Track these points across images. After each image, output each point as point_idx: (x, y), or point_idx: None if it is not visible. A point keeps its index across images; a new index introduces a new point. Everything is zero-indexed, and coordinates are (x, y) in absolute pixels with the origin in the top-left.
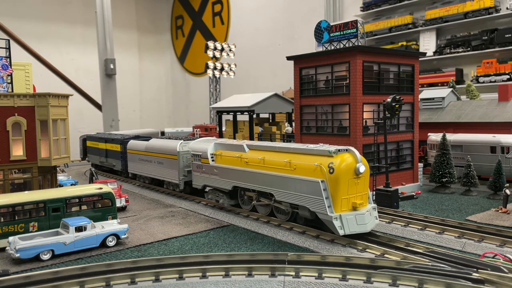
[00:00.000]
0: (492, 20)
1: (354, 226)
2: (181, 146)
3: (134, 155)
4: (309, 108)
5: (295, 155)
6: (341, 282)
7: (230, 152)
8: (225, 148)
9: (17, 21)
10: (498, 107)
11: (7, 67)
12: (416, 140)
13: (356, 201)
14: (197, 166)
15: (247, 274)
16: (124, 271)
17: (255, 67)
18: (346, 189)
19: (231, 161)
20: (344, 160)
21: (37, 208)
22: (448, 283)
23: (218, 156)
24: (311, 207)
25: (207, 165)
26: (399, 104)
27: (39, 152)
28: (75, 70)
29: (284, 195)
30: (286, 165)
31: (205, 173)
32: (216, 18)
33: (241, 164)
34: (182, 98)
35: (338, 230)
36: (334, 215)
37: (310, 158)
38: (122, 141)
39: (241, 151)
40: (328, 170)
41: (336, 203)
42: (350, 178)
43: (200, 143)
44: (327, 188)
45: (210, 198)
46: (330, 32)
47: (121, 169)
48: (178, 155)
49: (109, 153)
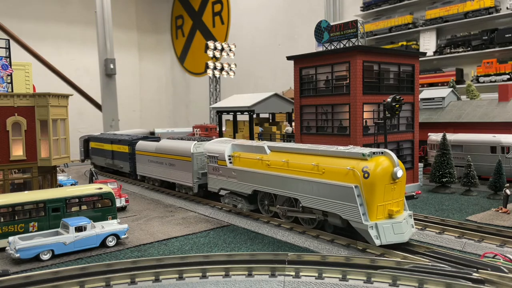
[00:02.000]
0: (492, 20)
1: (391, 236)
2: (195, 147)
3: (143, 157)
4: (309, 108)
5: (323, 157)
6: (341, 282)
7: (250, 154)
8: (244, 149)
9: (17, 21)
10: (498, 107)
11: (7, 67)
12: (416, 140)
13: (393, 208)
14: (213, 168)
15: (247, 274)
16: (124, 271)
17: (255, 67)
18: (382, 195)
19: (250, 164)
20: (379, 164)
21: (37, 208)
22: (448, 283)
23: (236, 158)
24: (343, 215)
25: (224, 168)
26: (399, 104)
27: (39, 152)
28: (75, 70)
29: (312, 201)
30: (314, 168)
31: (221, 175)
32: (216, 18)
33: (262, 167)
34: (182, 98)
35: (373, 240)
36: (370, 223)
37: (340, 161)
38: (130, 142)
39: (262, 152)
40: (363, 175)
41: (372, 210)
42: (386, 183)
43: (216, 144)
44: (361, 194)
45: (226, 202)
46: (330, 32)
47: (129, 171)
48: (192, 157)
49: (116, 155)
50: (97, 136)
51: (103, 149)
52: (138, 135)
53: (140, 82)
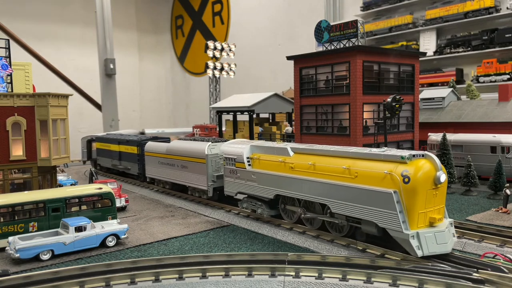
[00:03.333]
0: (492, 20)
1: (433, 246)
2: (209, 148)
3: (153, 158)
4: (309, 108)
5: (354, 160)
6: (341, 282)
7: (271, 155)
8: (264, 151)
9: (17, 21)
10: (498, 107)
11: (7, 67)
12: (416, 140)
13: (434, 216)
14: (230, 171)
15: (247, 274)
16: (124, 271)
17: (255, 67)
18: (423, 201)
19: (272, 166)
20: (421, 168)
21: (37, 208)
22: (448, 283)
23: (255, 160)
24: (379, 222)
25: (242, 170)
26: (399, 104)
27: (38, 152)
28: (75, 70)
29: (343, 207)
30: (345, 172)
31: (240, 179)
32: (216, 18)
33: (285, 170)
34: (182, 98)
35: (415, 251)
36: (411, 232)
37: (375, 165)
38: (139, 142)
39: (285, 154)
40: (402, 179)
41: (412, 218)
42: (428, 188)
43: (233, 145)
44: (400, 200)
45: (245, 207)
46: (330, 32)
47: (137, 173)
48: (206, 159)
49: (123, 156)
50: (103, 137)
51: (110, 150)
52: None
53: (140, 82)
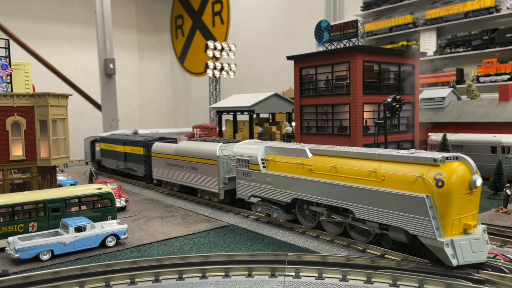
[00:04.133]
0: (493, 20)
1: (469, 254)
2: (220, 149)
3: (161, 159)
4: (309, 108)
5: (380, 163)
6: (341, 283)
7: (287, 157)
8: (280, 152)
9: (17, 21)
10: (498, 107)
11: (7, 67)
12: (416, 140)
13: (469, 222)
14: (243, 173)
15: (247, 274)
16: (124, 271)
17: (255, 67)
18: (458, 207)
19: (289, 168)
20: (455, 171)
21: (37, 208)
22: (448, 283)
23: (270, 162)
24: (410, 229)
25: (257, 172)
26: (400, 104)
27: (38, 152)
28: (75, 70)
29: (368, 212)
30: (370, 175)
31: (254, 181)
32: (216, 17)
33: (303, 173)
34: (182, 98)
35: (450, 260)
36: (445, 240)
37: (404, 167)
38: (145, 143)
39: (303, 156)
40: (435, 183)
41: (446, 224)
42: (463, 193)
43: (247, 147)
44: (433, 205)
45: (259, 211)
46: (330, 32)
47: (144, 174)
48: (217, 160)
49: (129, 157)
50: (107, 137)
51: (115, 151)
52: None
53: (140, 82)
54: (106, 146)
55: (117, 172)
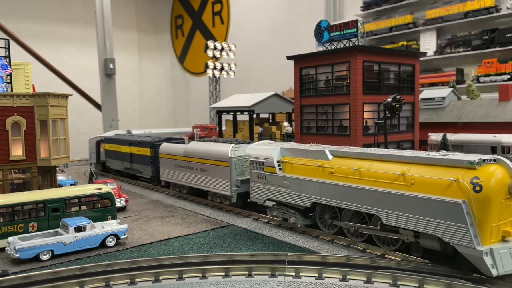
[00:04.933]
0: (493, 20)
1: (509, 264)
2: (233, 150)
3: (169, 161)
4: (309, 108)
5: (409, 165)
6: (341, 283)
7: (305, 159)
8: (297, 154)
9: (17, 21)
10: (498, 107)
11: (7, 67)
12: (416, 140)
13: (508, 229)
14: (258, 175)
15: (247, 274)
16: (124, 271)
17: (255, 67)
18: (497, 213)
19: (307, 171)
20: (493, 174)
21: (37, 208)
22: (448, 283)
23: (287, 164)
24: (444, 237)
25: (273, 175)
26: (400, 104)
27: (38, 152)
28: (75, 70)
29: (397, 219)
30: (398, 178)
31: (269, 184)
32: (216, 17)
33: (323, 175)
34: (182, 98)
35: (489, 269)
36: (484, 248)
37: (436, 170)
38: (152, 144)
39: (323, 158)
40: (473, 188)
41: (485, 232)
42: (502, 198)
43: (261, 148)
44: (470, 211)
45: (274, 215)
46: (330, 31)
47: (150, 176)
48: (230, 162)
49: (135, 158)
50: (112, 137)
51: (120, 152)
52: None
53: (140, 82)
54: (110, 147)
55: (122, 174)
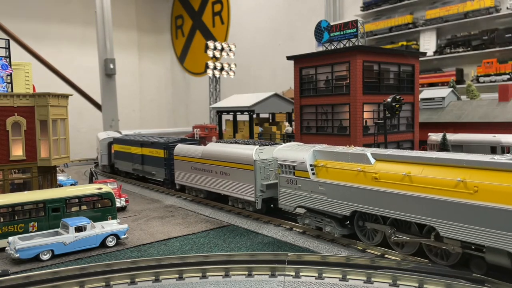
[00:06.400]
0: (492, 20)
1: None
2: (257, 153)
3: (185, 163)
4: (309, 108)
5: (470, 171)
6: (341, 282)
7: (343, 163)
8: (333, 157)
9: (17, 21)
10: (498, 107)
11: (7, 67)
12: (416, 140)
13: None
14: (287, 180)
15: (247, 274)
16: (124, 271)
17: (255, 67)
18: None
19: (345, 176)
20: None
21: (37, 208)
22: (448, 283)
23: (321, 168)
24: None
25: (305, 180)
26: (399, 104)
27: (38, 152)
28: (75, 70)
29: (457, 230)
30: (458, 185)
31: (301, 190)
32: (216, 18)
33: (365, 181)
34: (182, 98)
35: None
36: None
37: (504, 177)
38: (166, 145)
39: (364, 162)
40: None
41: None
42: None
43: (291, 150)
44: None
45: (307, 223)
46: (330, 32)
47: (164, 179)
48: (254, 165)
49: (147, 160)
50: (122, 138)
51: (131, 153)
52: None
53: (140, 82)
54: (120, 148)
55: (132, 176)
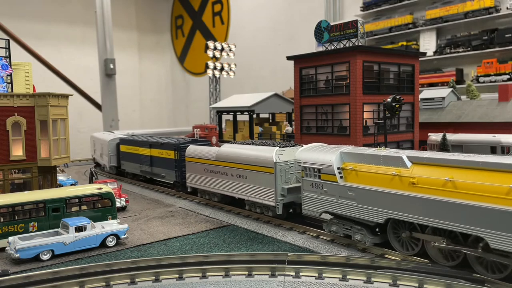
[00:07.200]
0: (492, 20)
1: None
2: (277, 154)
3: (197, 165)
4: (309, 108)
5: None
6: (341, 282)
7: (374, 166)
8: (363, 159)
9: (17, 21)
10: (498, 107)
11: (7, 67)
12: (416, 140)
13: None
14: (312, 184)
15: (247, 274)
16: (124, 271)
17: (255, 67)
18: None
19: (378, 181)
20: None
21: (37, 208)
22: (448, 283)
23: (350, 171)
24: None
25: (332, 184)
26: (399, 104)
27: (39, 152)
28: (75, 70)
29: (510, 242)
30: (510, 192)
31: (327, 195)
32: (216, 18)
33: (401, 186)
34: (182, 98)
35: None
36: None
37: None
38: (177, 146)
39: (398, 165)
40: None
41: None
42: None
43: (316, 151)
44: None
45: (333, 231)
46: (330, 32)
47: (174, 181)
48: (274, 167)
49: (156, 161)
50: (129, 139)
51: (138, 154)
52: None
53: (140, 82)
54: (127, 149)
55: (139, 178)
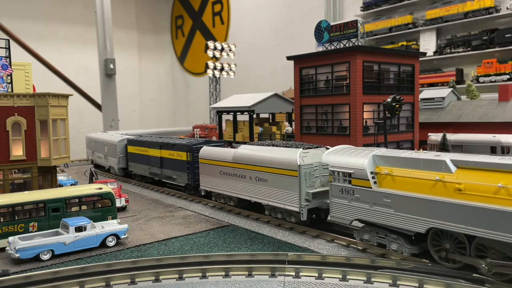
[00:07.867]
0: (492, 20)
1: None
2: (301, 157)
3: (212, 167)
4: (309, 108)
5: None
6: (341, 282)
7: (413, 171)
8: (400, 163)
9: (17, 21)
10: (498, 107)
11: (7, 67)
12: (416, 140)
13: None
14: (342, 189)
15: (247, 274)
16: (124, 271)
17: (255, 67)
18: None
19: (418, 186)
20: None
21: (37, 208)
22: (448, 283)
23: (385, 176)
24: None
25: (365, 190)
26: (399, 104)
27: (39, 152)
28: (75, 70)
29: None
30: None
31: (359, 201)
32: (216, 18)
33: (445, 193)
34: (182, 98)
35: None
36: None
37: None
38: (190, 147)
39: (441, 170)
40: None
41: None
42: None
43: (345, 154)
44: None
45: (366, 239)
46: (330, 32)
47: (186, 184)
48: (299, 171)
49: (166, 163)
50: (138, 139)
51: (147, 155)
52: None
53: (140, 82)
54: (135, 150)
55: (147, 180)
